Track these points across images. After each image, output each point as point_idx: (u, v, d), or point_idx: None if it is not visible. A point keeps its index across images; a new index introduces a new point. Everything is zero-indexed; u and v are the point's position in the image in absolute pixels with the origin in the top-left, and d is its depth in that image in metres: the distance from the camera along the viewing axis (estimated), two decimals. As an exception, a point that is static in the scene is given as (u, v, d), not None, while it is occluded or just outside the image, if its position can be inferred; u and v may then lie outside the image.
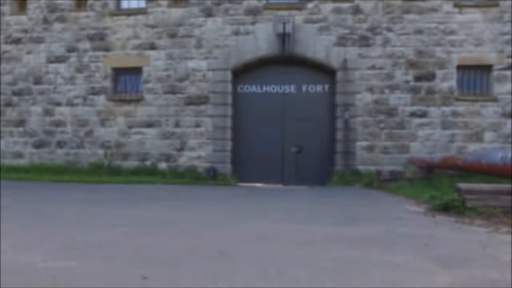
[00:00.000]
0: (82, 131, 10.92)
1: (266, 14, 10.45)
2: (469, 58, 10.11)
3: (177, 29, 10.65)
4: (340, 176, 9.93)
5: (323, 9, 10.36)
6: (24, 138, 11.21)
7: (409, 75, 10.16)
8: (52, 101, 11.07)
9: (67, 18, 11.11)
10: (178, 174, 10.31)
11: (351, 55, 10.24)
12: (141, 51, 10.76)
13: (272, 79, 10.81)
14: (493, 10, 10.08)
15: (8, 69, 11.32)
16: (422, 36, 10.17)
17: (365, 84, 10.19)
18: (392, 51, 10.20)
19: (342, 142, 10.14)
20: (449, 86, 10.10)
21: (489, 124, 9.98)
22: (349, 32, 10.27)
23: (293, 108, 10.71)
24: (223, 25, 10.53)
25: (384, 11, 10.27)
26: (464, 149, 9.96)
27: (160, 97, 10.63)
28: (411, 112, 10.11)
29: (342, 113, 10.17)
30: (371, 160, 10.11)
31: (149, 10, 10.79)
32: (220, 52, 10.49)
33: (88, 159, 10.87)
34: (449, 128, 10.04)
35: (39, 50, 11.19)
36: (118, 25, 10.88)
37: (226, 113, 10.39)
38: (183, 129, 10.52)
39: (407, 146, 10.08)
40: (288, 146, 10.74)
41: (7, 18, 11.38)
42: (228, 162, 10.37)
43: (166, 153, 10.56)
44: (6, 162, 11.25)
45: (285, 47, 10.22)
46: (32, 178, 9.68)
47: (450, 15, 10.16)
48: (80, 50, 11.00)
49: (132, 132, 10.71)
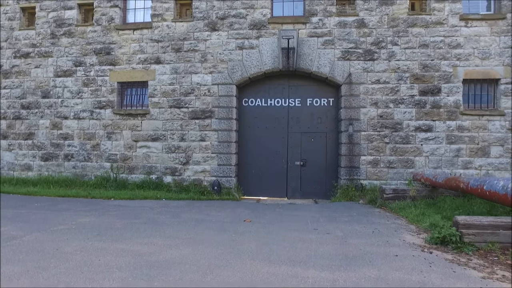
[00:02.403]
0: (89, 144, 11.06)
1: (271, 28, 10.46)
2: (475, 72, 10.01)
3: (182, 44, 10.72)
4: (344, 191, 9.93)
5: (328, 23, 10.33)
6: (32, 151, 11.40)
7: (414, 89, 10.10)
8: (59, 114, 11.24)
9: (74, 32, 11.25)
10: (183, 188, 10.40)
11: (356, 69, 10.21)
12: (146, 65, 10.85)
13: (277, 93, 10.84)
14: (500, 23, 9.96)
15: (17, 83, 11.52)
16: (428, 49, 10.10)
17: (369, 98, 10.16)
18: (397, 65, 10.14)
19: (347, 157, 10.13)
20: (455, 100, 10.02)
21: (496, 139, 9.89)
22: (354, 46, 10.23)
23: (297, 121, 10.74)
24: (228, 40, 10.57)
25: (389, 25, 10.21)
26: (470, 164, 9.90)
27: (165, 111, 10.71)
28: (416, 126, 10.05)
29: (347, 127, 10.16)
30: (376, 174, 10.09)
31: (154, 24, 10.87)
32: (224, 66, 10.53)
33: (95, 172, 11.02)
34: (454, 142, 9.97)
35: (47, 64, 11.35)
36: (124, 39, 10.99)
37: (231, 128, 10.44)
38: (188, 143, 10.60)
39: (412, 161, 10.04)
40: (292, 160, 10.77)
41: (16, 33, 11.56)
42: (233, 176, 10.43)
43: (172, 166, 10.66)
44: (15, 174, 11.48)
45: (290, 61, 10.23)
46: (40, 192, 9.84)
47: (456, 28, 10.07)
48: (87, 64, 11.13)
49: (138, 146, 10.82)
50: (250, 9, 10.54)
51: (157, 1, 10.89)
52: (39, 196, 9.54)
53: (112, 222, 6.14)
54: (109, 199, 9.33)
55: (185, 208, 7.89)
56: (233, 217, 6.98)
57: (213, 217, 6.95)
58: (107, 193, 9.87)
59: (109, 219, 6.54)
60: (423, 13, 10.18)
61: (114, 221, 6.25)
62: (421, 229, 5.92)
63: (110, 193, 9.97)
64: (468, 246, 4.60)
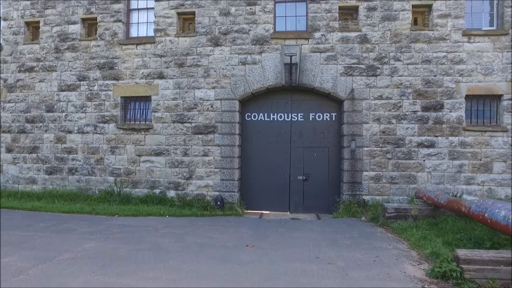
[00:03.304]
0: (93, 158, 11.15)
1: (273, 44, 10.49)
2: (478, 88, 10.02)
3: (185, 59, 10.77)
4: (346, 206, 9.97)
5: (330, 38, 10.35)
6: (37, 164, 11.50)
7: (417, 105, 10.12)
8: (63, 128, 11.33)
9: (78, 47, 11.32)
10: (186, 202, 10.47)
11: (358, 85, 10.23)
12: (149, 80, 10.91)
13: (280, 107, 10.88)
14: (503, 39, 9.95)
15: (22, 97, 11.61)
16: (430, 65, 10.11)
17: (372, 114, 10.18)
18: (400, 81, 10.15)
19: (349, 172, 10.17)
20: (458, 116, 10.03)
21: (498, 155, 9.90)
22: (357, 61, 10.25)
23: (300, 136, 10.79)
24: (231, 55, 10.61)
25: (392, 40, 10.22)
26: (472, 180, 9.92)
27: (168, 126, 10.78)
28: (418, 142, 10.07)
29: (349, 143, 10.19)
30: (378, 190, 10.12)
31: (157, 39, 10.92)
32: (227, 82, 10.58)
33: (98, 186, 11.11)
34: (457, 158, 9.99)
35: (51, 79, 11.43)
36: (127, 54, 11.05)
37: (233, 143, 10.49)
38: (191, 158, 10.67)
39: (414, 177, 10.06)
40: (295, 174, 10.82)
41: (20, 47, 11.64)
42: (235, 191, 10.49)
43: (175, 181, 10.73)
44: (20, 187, 11.59)
45: (292, 77, 10.26)
46: (44, 208, 9.93)
47: (459, 44, 10.07)
48: (91, 78, 11.21)
49: (141, 160, 10.90)
50: (252, 24, 10.57)
51: (160, 16, 10.94)
52: (44, 212, 9.63)
53: (116, 249, 6.21)
54: (113, 215, 9.41)
55: (189, 229, 7.94)
56: (236, 240, 7.04)
57: (216, 240, 7.02)
58: (111, 209, 9.96)
59: (114, 243, 6.61)
60: (426, 29, 10.18)
61: (118, 248, 6.32)
62: (422, 257, 5.96)
63: (114, 208, 10.06)
64: (469, 282, 4.63)
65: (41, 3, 11.55)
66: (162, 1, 10.98)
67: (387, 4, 10.26)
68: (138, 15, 11.46)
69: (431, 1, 10.15)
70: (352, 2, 10.36)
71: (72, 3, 11.39)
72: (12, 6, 11.71)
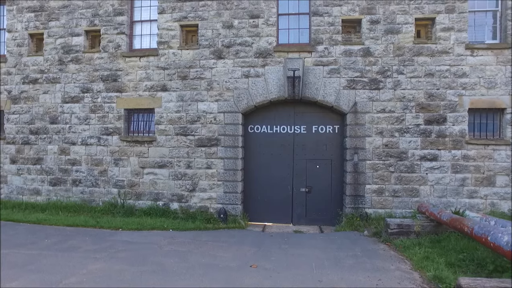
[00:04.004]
0: (97, 170, 11.21)
1: (276, 57, 10.51)
2: (481, 101, 10.02)
3: (188, 71, 10.80)
4: (349, 220, 10.00)
5: (333, 51, 10.37)
6: (41, 175, 11.57)
7: (420, 119, 10.13)
8: (67, 140, 11.39)
9: (81, 59, 11.37)
10: (190, 214, 10.52)
11: (361, 98, 10.25)
12: (153, 92, 10.95)
13: (283, 120, 10.92)
14: (506, 53, 9.95)
15: (26, 108, 11.68)
16: (433, 79, 10.11)
17: (375, 127, 10.20)
18: (403, 94, 10.17)
19: (352, 185, 10.20)
20: (460, 130, 10.04)
21: (501, 168, 9.91)
22: (359, 75, 10.27)
23: (303, 148, 10.82)
24: (234, 68, 10.64)
25: (395, 54, 10.23)
26: (475, 194, 9.94)
27: (172, 139, 10.83)
28: (421, 155, 10.09)
29: (352, 156, 10.22)
30: (380, 203, 10.15)
31: (161, 52, 10.96)
32: (230, 94, 10.61)
33: (102, 197, 11.17)
34: (460, 172, 10.00)
35: (55, 90, 11.49)
36: (130, 66, 11.09)
37: (237, 156, 10.53)
38: (194, 170, 10.71)
39: (416, 190, 10.09)
40: (298, 186, 10.86)
41: (24, 59, 11.70)
42: (238, 203, 10.54)
43: (178, 193, 10.78)
44: (24, 198, 11.67)
45: (295, 90, 10.29)
46: (49, 220, 9.99)
47: (462, 58, 10.07)
48: (94, 91, 11.26)
49: (145, 172, 10.95)
50: (255, 37, 10.59)
51: (163, 29, 10.97)
52: (48, 226, 9.68)
53: (121, 272, 6.26)
54: (117, 229, 9.47)
55: (192, 246, 7.99)
56: (240, 259, 7.09)
57: (220, 259, 7.06)
58: (115, 221, 10.01)
59: (119, 264, 6.66)
60: (429, 42, 10.18)
61: (123, 270, 6.36)
62: (425, 281, 5.99)
63: (117, 220, 10.12)
64: (472, 313, 4.66)
65: (45, 15, 11.60)
66: (165, 13, 11.01)
67: (390, 17, 10.26)
68: (141, 26, 11.49)
69: (434, 15, 10.15)
70: (355, 15, 10.37)
71: (75, 15, 11.44)
72: (16, 18, 11.77)
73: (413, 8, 10.22)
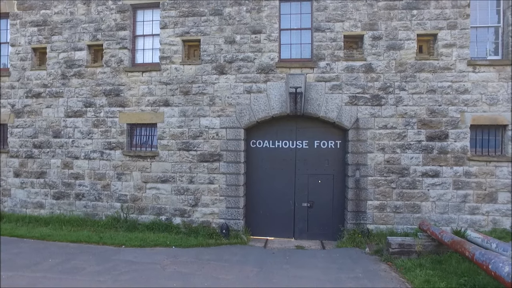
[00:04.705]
0: (100, 184, 11.27)
1: (278, 73, 10.53)
2: (483, 118, 10.03)
3: (191, 87, 10.84)
4: (350, 236, 10.04)
5: (335, 67, 10.38)
6: (44, 189, 11.64)
7: (422, 135, 10.15)
8: (70, 154, 11.45)
9: (84, 73, 11.42)
10: (192, 229, 10.57)
11: (363, 115, 10.27)
12: (155, 107, 11.00)
13: (285, 135, 10.95)
14: (508, 69, 9.95)
15: (29, 122, 11.74)
16: (435, 95, 10.12)
17: (376, 143, 10.22)
18: (405, 111, 10.18)
19: (353, 201, 10.23)
20: (462, 146, 10.05)
21: (503, 185, 9.92)
22: (361, 91, 10.28)
23: (305, 163, 10.85)
24: (236, 83, 10.67)
25: (397, 70, 10.24)
26: (477, 210, 9.96)
27: (174, 154, 10.87)
28: (423, 172, 10.11)
29: (354, 172, 10.25)
30: (382, 219, 10.18)
31: (163, 67, 10.99)
32: (233, 110, 10.64)
33: (105, 211, 11.24)
34: (461, 188, 10.02)
35: (58, 105, 11.55)
36: (132, 81, 11.13)
37: (239, 171, 10.57)
38: (197, 186, 10.76)
39: (418, 206, 10.11)
40: (299, 201, 10.91)
41: (27, 73, 11.75)
42: (240, 218, 10.59)
43: (181, 208, 10.84)
44: (28, 212, 11.75)
45: (297, 106, 10.31)
46: (53, 236, 10.05)
47: (464, 74, 10.07)
48: (97, 105, 11.31)
49: (147, 187, 11.01)
50: (258, 52, 10.61)
51: (166, 44, 11.00)
52: (52, 242, 9.75)
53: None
54: (120, 246, 9.53)
55: (195, 266, 8.04)
56: (242, 282, 7.13)
57: (223, 282, 7.12)
58: (118, 237, 10.08)
59: (122, 288, 6.74)
60: (431, 58, 10.19)
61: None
62: (426, 309, 6.03)
63: (120, 236, 10.19)
64: None
65: (48, 30, 11.64)
66: (167, 28, 11.04)
67: (392, 33, 10.26)
68: (144, 41, 11.53)
69: (436, 31, 10.15)
70: (357, 31, 10.37)
71: (78, 30, 11.47)
72: (20, 32, 11.81)
73: (415, 24, 10.22)
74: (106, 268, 7.87)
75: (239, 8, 10.73)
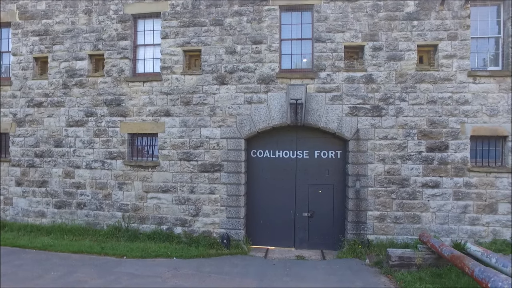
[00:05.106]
0: (101, 193, 11.32)
1: (279, 83, 10.56)
2: (483, 129, 10.04)
3: (191, 97, 10.87)
4: (351, 246, 10.07)
5: (336, 78, 10.40)
6: (46, 198, 11.69)
7: (422, 146, 10.17)
8: (72, 164, 11.50)
9: (85, 83, 11.46)
10: (193, 239, 10.61)
11: (364, 125, 10.29)
12: (156, 117, 11.03)
13: (285, 145, 10.98)
14: (508, 80, 9.96)
15: (31, 131, 11.79)
16: (436, 106, 10.14)
17: (377, 154, 10.25)
18: (405, 121, 10.20)
19: (354, 212, 10.27)
20: (462, 157, 10.08)
21: (503, 196, 9.95)
22: (362, 102, 10.31)
23: (305, 173, 10.88)
24: (237, 94, 10.70)
25: (397, 81, 10.25)
26: (477, 221, 9.98)
27: (175, 164, 10.91)
28: (423, 183, 10.14)
29: (354, 183, 10.28)
30: (382, 230, 10.22)
31: (164, 77, 11.02)
32: (233, 120, 10.67)
33: (107, 221, 11.29)
34: (461, 199, 10.05)
35: (59, 114, 11.59)
36: (133, 91, 11.17)
37: (239, 181, 10.61)
38: (197, 196, 10.80)
39: (418, 217, 10.14)
40: (300, 211, 10.94)
41: (29, 82, 11.80)
42: (241, 228, 10.63)
43: (182, 218, 10.89)
44: (30, 220, 11.81)
45: (298, 117, 10.34)
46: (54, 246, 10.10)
47: (464, 85, 10.08)
48: (98, 115, 11.35)
49: (148, 197, 11.05)
50: (258, 63, 10.64)
51: (167, 54, 11.04)
52: (54, 253, 9.80)
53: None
54: (122, 257, 9.57)
55: (196, 280, 8.09)
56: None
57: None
58: (119, 247, 10.13)
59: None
60: (431, 69, 10.20)
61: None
62: (426, 327, 6.07)
63: (122, 246, 10.24)
64: None
65: (49, 39, 11.68)
66: (168, 38, 11.06)
67: (392, 44, 10.28)
68: (145, 50, 11.57)
69: (436, 42, 10.16)
70: (358, 41, 10.39)
71: (79, 39, 11.51)
72: (21, 42, 11.85)
73: (416, 35, 10.23)
74: (108, 281, 7.92)
75: (239, 18, 10.76)
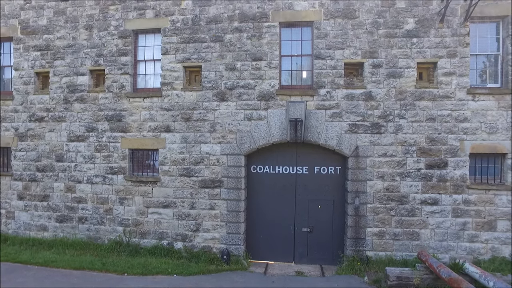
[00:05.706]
0: (102, 208, 11.41)
1: (279, 100, 10.61)
2: (482, 146, 10.07)
3: (192, 113, 10.94)
4: (350, 262, 10.14)
5: (336, 95, 10.45)
6: (48, 212, 11.79)
7: (421, 163, 10.21)
8: (73, 178, 11.59)
9: (86, 98, 11.53)
10: (193, 254, 10.68)
11: (363, 142, 10.34)
12: (157, 133, 11.10)
13: (285, 160, 11.03)
14: (507, 98, 9.98)
15: (32, 146, 11.88)
16: (435, 123, 10.17)
17: (376, 171, 10.30)
18: (404, 139, 10.24)
19: (353, 228, 10.32)
20: (461, 174, 10.11)
21: (503, 213, 9.98)
22: (361, 119, 10.35)
23: (305, 189, 10.94)
24: (237, 110, 10.75)
25: (397, 98, 10.29)
26: (476, 238, 10.03)
27: (175, 179, 10.99)
28: (422, 200, 10.18)
29: (353, 199, 10.33)
30: (381, 246, 10.27)
31: (164, 93, 11.09)
32: (233, 137, 10.73)
33: (108, 235, 11.38)
34: (460, 216, 10.09)
35: (61, 129, 11.68)
36: (134, 107, 11.24)
37: (239, 197, 10.68)
38: (198, 211, 10.88)
39: (417, 233, 10.19)
40: (300, 226, 11.00)
41: (31, 97, 11.88)
42: (241, 244, 10.70)
43: (182, 233, 10.97)
44: (32, 234, 11.91)
45: (298, 134, 10.39)
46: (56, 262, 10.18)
47: (464, 102, 10.12)
48: (99, 130, 11.43)
49: (149, 212, 11.14)
50: (258, 79, 10.69)
51: (167, 70, 11.10)
52: (56, 269, 9.89)
53: None
54: (123, 274, 9.65)
55: (195, 300, 8.19)
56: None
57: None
58: (120, 263, 10.20)
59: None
60: (431, 86, 10.23)
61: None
62: None
63: (123, 261, 10.32)
64: None
65: (51, 54, 11.75)
66: (169, 54, 11.12)
67: (392, 61, 10.31)
68: (145, 65, 11.63)
69: (436, 59, 10.19)
70: (357, 58, 10.43)
71: (80, 55, 11.58)
72: (23, 57, 11.94)
73: (415, 52, 10.26)
74: (108, 302, 8.01)
75: (239, 34, 10.80)
